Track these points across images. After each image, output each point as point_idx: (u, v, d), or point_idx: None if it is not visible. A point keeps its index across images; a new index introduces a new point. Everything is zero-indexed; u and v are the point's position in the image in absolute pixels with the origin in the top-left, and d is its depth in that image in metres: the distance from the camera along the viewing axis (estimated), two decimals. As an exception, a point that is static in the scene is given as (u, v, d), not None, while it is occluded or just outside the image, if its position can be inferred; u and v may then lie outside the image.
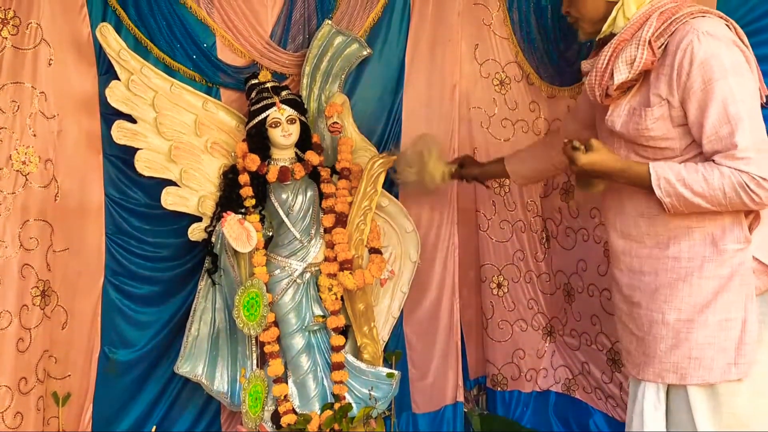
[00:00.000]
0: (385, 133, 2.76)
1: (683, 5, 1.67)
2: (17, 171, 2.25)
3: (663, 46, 1.64)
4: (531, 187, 2.89)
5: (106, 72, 2.39)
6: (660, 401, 1.73)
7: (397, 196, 2.69)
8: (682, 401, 1.70)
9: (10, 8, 2.24)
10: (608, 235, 1.89)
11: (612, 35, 1.73)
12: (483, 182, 2.67)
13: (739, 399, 1.66)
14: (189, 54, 2.49)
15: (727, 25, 1.66)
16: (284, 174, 2.37)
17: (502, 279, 2.96)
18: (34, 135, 2.29)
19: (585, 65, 1.82)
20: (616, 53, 1.68)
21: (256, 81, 2.43)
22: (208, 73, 2.52)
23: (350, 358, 2.46)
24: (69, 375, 2.42)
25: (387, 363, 2.55)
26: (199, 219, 2.42)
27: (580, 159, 1.70)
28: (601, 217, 2.02)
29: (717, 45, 1.57)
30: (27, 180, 2.27)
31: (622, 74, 1.66)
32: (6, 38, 2.24)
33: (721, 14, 1.68)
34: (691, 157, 1.66)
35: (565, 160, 2.04)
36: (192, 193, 2.39)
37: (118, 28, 2.38)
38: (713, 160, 1.59)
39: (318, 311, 2.44)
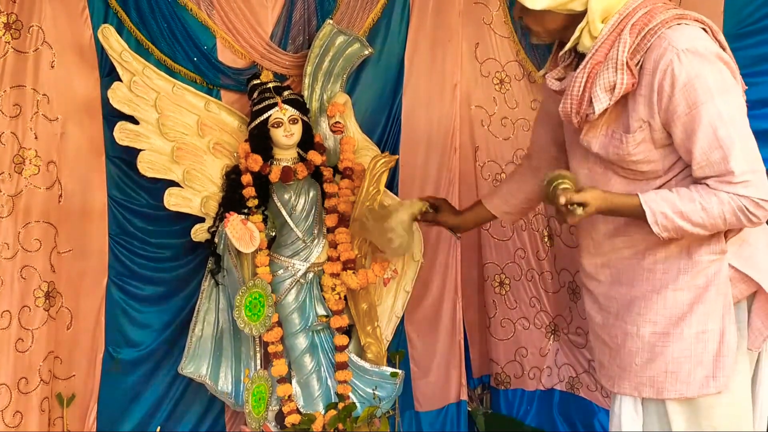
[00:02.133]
0: (384, 133, 2.76)
1: (655, 11, 1.52)
2: (19, 173, 2.27)
3: (638, 64, 1.51)
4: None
5: (109, 74, 2.39)
6: (638, 414, 1.68)
7: (398, 196, 2.69)
8: (658, 414, 1.65)
9: (12, 12, 2.25)
10: (581, 258, 1.80)
11: (576, 50, 1.61)
12: (456, 232, 2.30)
13: (718, 410, 1.61)
14: (190, 56, 2.49)
15: (704, 28, 1.55)
16: (287, 174, 2.37)
17: (503, 277, 2.96)
18: (36, 137, 2.30)
19: (551, 82, 1.68)
20: (592, 78, 1.54)
21: (258, 81, 2.43)
22: (209, 75, 2.52)
23: (354, 357, 2.46)
24: (74, 375, 2.43)
25: (391, 362, 2.55)
26: (201, 219, 2.42)
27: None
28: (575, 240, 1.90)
29: (699, 64, 1.46)
30: (29, 182, 2.28)
31: (602, 103, 1.53)
32: (8, 42, 2.25)
33: (698, 16, 1.55)
34: (675, 175, 1.59)
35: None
36: (195, 193, 2.39)
37: (120, 30, 2.38)
38: (707, 184, 1.51)
39: (321, 311, 2.44)
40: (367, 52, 2.62)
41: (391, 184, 2.71)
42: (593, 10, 1.53)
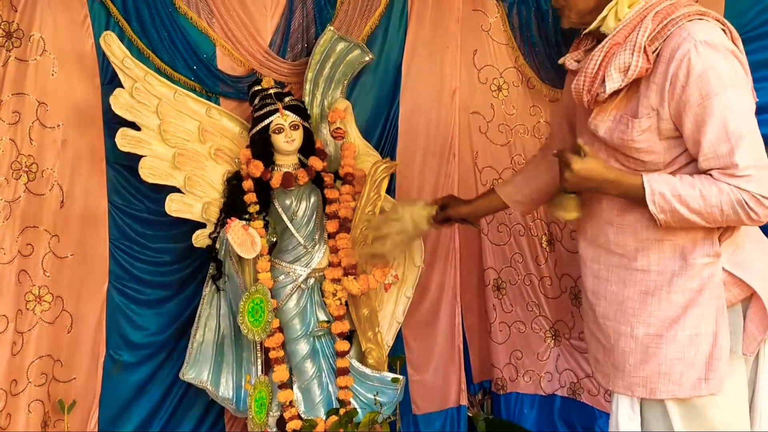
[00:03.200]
0: (381, 139, 2.78)
1: (679, 4, 1.56)
2: (17, 180, 2.29)
3: (656, 51, 1.54)
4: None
5: (110, 81, 2.41)
6: (635, 412, 1.69)
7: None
8: (658, 413, 1.66)
9: (13, 21, 2.27)
10: (578, 241, 1.83)
11: (599, 32, 1.63)
12: (473, 222, 2.29)
13: (716, 411, 1.62)
14: (189, 64, 2.50)
15: (723, 29, 1.57)
16: (288, 180, 2.38)
17: (500, 281, 2.97)
18: (34, 144, 2.32)
19: (570, 62, 1.71)
20: (608, 58, 1.57)
21: (260, 87, 2.44)
22: (209, 83, 2.53)
23: (355, 363, 2.45)
24: (74, 378, 2.44)
25: (392, 368, 2.55)
26: (200, 224, 2.42)
27: (576, 164, 1.58)
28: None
29: (715, 56, 1.48)
30: (27, 188, 2.31)
31: (614, 83, 1.55)
32: (9, 51, 2.26)
33: (718, 16, 1.59)
34: (675, 171, 1.59)
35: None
36: (196, 199, 2.39)
37: (121, 38, 2.39)
38: (710, 175, 1.51)
39: (322, 316, 2.44)
40: (367, 59, 2.64)
41: (389, 190, 2.72)
42: None
